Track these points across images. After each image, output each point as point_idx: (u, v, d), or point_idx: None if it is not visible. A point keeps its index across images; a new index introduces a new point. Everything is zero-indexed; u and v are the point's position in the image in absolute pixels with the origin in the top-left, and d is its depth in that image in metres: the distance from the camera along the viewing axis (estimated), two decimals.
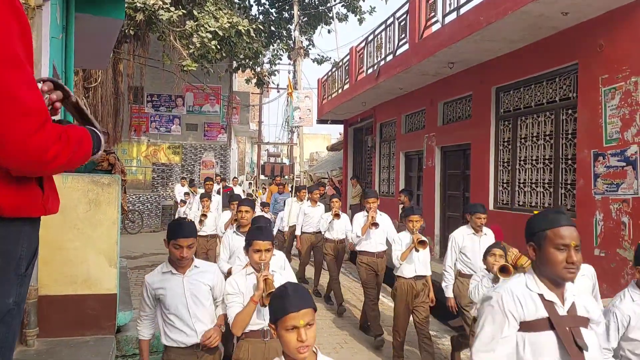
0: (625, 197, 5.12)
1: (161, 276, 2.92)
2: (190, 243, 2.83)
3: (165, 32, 11.32)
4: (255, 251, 2.86)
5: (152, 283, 2.90)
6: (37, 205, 1.47)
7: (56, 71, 4.82)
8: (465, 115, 8.78)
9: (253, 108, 25.78)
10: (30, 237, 1.49)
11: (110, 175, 3.84)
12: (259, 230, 2.97)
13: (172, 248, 2.84)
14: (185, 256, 2.82)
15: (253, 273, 2.90)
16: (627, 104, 5.13)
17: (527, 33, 6.28)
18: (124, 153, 17.49)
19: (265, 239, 2.89)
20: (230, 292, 2.90)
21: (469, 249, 4.92)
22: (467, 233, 5.01)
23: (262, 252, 2.85)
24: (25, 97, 1.30)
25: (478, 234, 4.95)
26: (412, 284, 4.94)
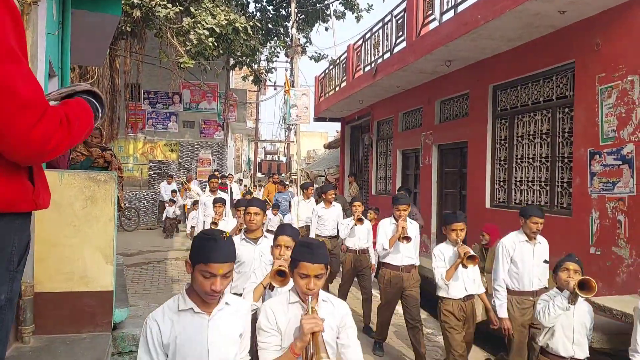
0: (621, 195, 5.14)
1: (175, 316, 2.04)
2: (227, 271, 1.97)
3: (162, 29, 11.26)
4: (303, 276, 2.19)
5: (163, 329, 1.99)
6: (28, 200, 1.46)
7: (52, 67, 4.80)
8: (462, 114, 8.79)
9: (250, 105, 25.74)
10: (21, 232, 1.48)
11: (107, 172, 3.83)
12: (309, 249, 2.21)
13: (200, 276, 1.96)
14: (218, 290, 1.95)
15: (298, 302, 2.26)
16: (623, 103, 5.15)
17: (524, 31, 6.29)
18: (121, 150, 17.44)
19: (317, 261, 2.18)
20: (265, 328, 2.23)
21: (520, 259, 4.23)
22: (519, 240, 4.29)
23: (311, 279, 2.18)
24: (24, 90, 1.31)
25: (532, 241, 4.26)
26: (462, 306, 4.23)
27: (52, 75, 5.05)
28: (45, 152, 1.38)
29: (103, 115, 1.65)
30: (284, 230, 3.26)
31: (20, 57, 1.35)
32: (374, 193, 13.02)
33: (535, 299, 4.06)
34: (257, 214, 3.86)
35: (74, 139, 1.46)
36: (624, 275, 5.06)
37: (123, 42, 13.34)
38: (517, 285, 4.24)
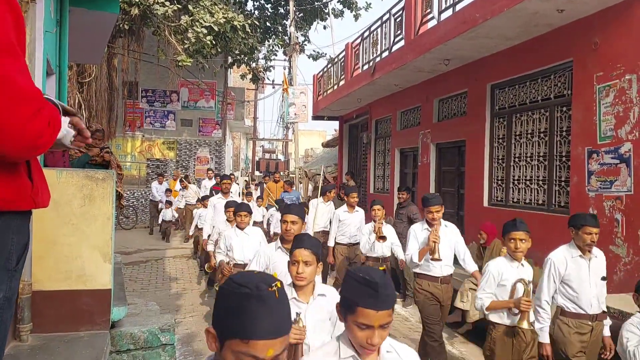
0: (618, 194, 5.15)
1: None
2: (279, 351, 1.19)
3: (160, 27, 11.23)
4: (363, 327, 1.67)
5: None
6: (27, 199, 1.46)
7: (50, 65, 4.79)
8: (460, 112, 8.79)
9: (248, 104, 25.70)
10: (20, 231, 1.48)
11: (105, 170, 3.82)
12: (372, 289, 1.64)
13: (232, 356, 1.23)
14: None
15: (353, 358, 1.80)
16: (621, 102, 5.16)
17: (523, 30, 6.29)
18: (118, 148, 17.41)
19: (383, 307, 1.65)
20: None
21: (575, 277, 3.60)
22: (572, 255, 3.67)
23: (375, 331, 1.66)
24: (23, 83, 1.32)
25: (586, 255, 3.66)
26: (522, 334, 3.53)
27: (49, 73, 5.04)
28: (36, 147, 1.39)
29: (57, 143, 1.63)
30: (301, 243, 2.60)
31: (19, 53, 1.36)
32: (372, 192, 13.03)
33: (594, 324, 3.63)
34: (295, 222, 3.49)
35: (53, 140, 1.47)
36: (621, 273, 5.07)
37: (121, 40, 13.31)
38: (575, 307, 3.64)
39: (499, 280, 3.59)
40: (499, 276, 3.59)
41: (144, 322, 4.02)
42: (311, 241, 2.64)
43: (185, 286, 8.43)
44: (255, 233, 5.49)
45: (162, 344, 3.93)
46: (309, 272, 2.48)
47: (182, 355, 5.36)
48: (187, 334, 6.06)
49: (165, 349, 3.96)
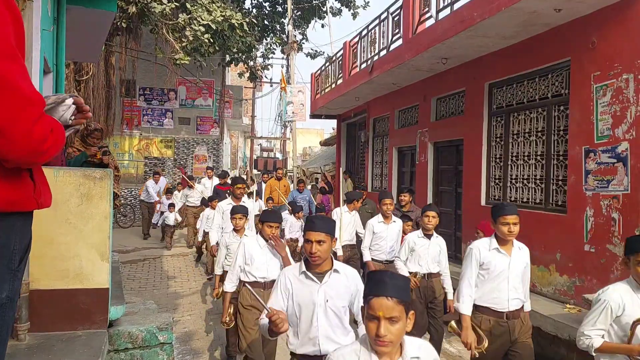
0: (615, 193, 5.17)
1: None
2: None
3: (158, 25, 11.22)
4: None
5: None
6: (30, 200, 1.47)
7: (47, 63, 4.79)
8: (458, 111, 8.80)
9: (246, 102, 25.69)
10: (22, 232, 1.49)
11: (102, 169, 3.81)
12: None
13: None
14: None
15: None
16: (618, 101, 5.17)
17: (520, 29, 6.30)
18: (116, 147, 17.39)
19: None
20: None
21: None
22: None
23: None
24: (25, 89, 1.32)
25: None
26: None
27: (47, 71, 5.03)
28: (40, 152, 1.38)
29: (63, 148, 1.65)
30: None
31: (20, 57, 1.36)
32: (370, 190, 13.03)
33: None
34: (322, 242, 2.63)
35: (58, 148, 1.47)
36: (617, 272, 5.09)
37: (118, 38, 13.30)
38: None
39: (619, 314, 2.72)
40: (619, 310, 2.71)
41: (142, 320, 4.02)
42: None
43: (183, 285, 8.43)
44: None
45: (160, 342, 3.93)
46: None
47: (180, 354, 5.36)
48: (186, 332, 6.06)
49: (163, 347, 3.96)
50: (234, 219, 5.10)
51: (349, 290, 2.75)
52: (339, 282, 2.73)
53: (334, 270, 2.74)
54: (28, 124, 1.31)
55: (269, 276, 4.14)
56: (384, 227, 5.98)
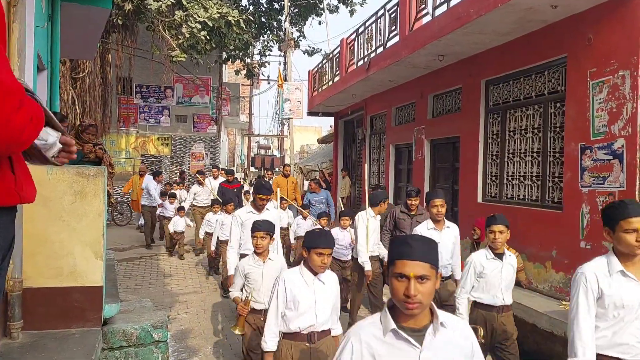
0: (611, 190, 5.17)
1: None
2: None
3: (154, 22, 11.18)
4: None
5: None
6: (11, 194, 1.44)
7: (41, 60, 4.76)
8: (455, 108, 8.80)
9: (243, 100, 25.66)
10: (5, 228, 1.46)
11: (96, 166, 3.80)
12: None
13: None
14: None
15: None
16: (614, 98, 5.17)
17: (517, 26, 6.29)
18: (113, 144, 17.34)
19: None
20: None
21: None
22: None
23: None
24: (3, 77, 1.29)
25: None
26: None
27: (41, 68, 5.01)
28: (20, 143, 1.37)
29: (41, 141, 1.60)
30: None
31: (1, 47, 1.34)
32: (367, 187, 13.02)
33: None
34: (426, 278, 1.65)
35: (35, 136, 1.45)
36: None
37: (114, 36, 13.24)
38: None
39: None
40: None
41: (137, 319, 4.02)
42: None
43: (179, 283, 8.42)
44: None
45: (155, 340, 3.93)
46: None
47: (176, 352, 5.35)
48: (181, 330, 6.05)
49: (158, 345, 3.95)
50: (255, 237, 3.94)
51: (464, 353, 1.74)
52: (448, 343, 1.70)
53: (441, 324, 1.71)
54: (6, 114, 1.29)
55: (319, 324, 3.09)
56: (436, 234, 4.74)
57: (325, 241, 3.04)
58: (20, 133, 1.34)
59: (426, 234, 4.64)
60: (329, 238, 3.07)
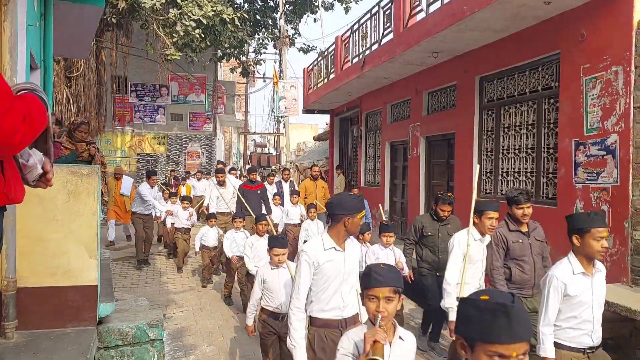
0: (605, 185, 5.20)
1: None
2: None
3: (148, 21, 11.14)
4: None
5: None
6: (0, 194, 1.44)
7: (34, 59, 4.74)
8: (449, 105, 8.81)
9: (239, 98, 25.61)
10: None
11: (90, 165, 3.79)
12: None
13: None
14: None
15: None
16: (607, 94, 5.19)
17: (510, 22, 6.30)
18: (108, 143, 17.30)
19: None
20: None
21: None
22: None
23: None
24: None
25: None
26: None
27: (34, 67, 4.99)
28: (12, 145, 1.36)
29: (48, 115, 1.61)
30: None
31: None
32: (363, 185, 13.05)
33: None
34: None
35: (34, 135, 1.45)
36: (607, 264, 5.12)
37: (109, 34, 13.19)
38: None
39: None
40: None
41: (133, 317, 4.01)
42: None
43: (175, 281, 8.41)
44: None
45: (151, 339, 3.93)
46: None
47: (172, 350, 5.35)
48: (177, 329, 6.05)
49: (153, 344, 3.95)
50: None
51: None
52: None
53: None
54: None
55: None
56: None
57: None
58: (11, 136, 1.33)
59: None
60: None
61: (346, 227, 2.93)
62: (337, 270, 2.97)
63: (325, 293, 2.96)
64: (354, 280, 3.07)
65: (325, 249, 2.95)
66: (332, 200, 3.08)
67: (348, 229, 2.95)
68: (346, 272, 3.00)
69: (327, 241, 2.98)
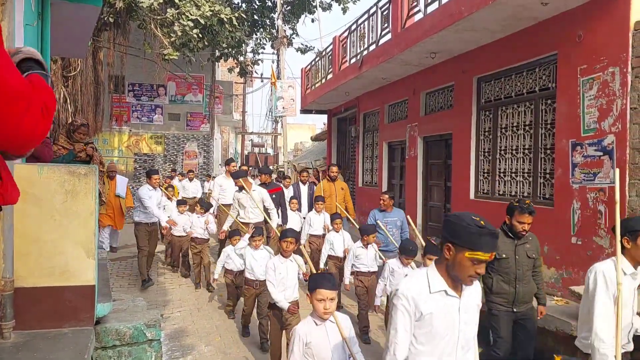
0: (602, 186, 5.21)
1: None
2: None
3: (146, 20, 11.12)
4: None
5: None
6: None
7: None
8: (447, 105, 8.83)
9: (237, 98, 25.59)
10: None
11: (87, 165, 3.79)
12: None
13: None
14: None
15: None
16: (604, 94, 5.21)
17: (508, 23, 6.32)
18: (105, 143, 17.25)
19: None
20: None
21: None
22: None
23: None
24: (11, 79, 1.30)
25: None
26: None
27: None
28: (33, 142, 1.39)
29: None
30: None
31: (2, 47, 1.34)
32: (360, 185, 13.06)
33: None
34: None
35: (49, 126, 1.47)
36: None
37: (106, 34, 13.15)
38: None
39: None
40: None
41: (130, 318, 4.01)
42: None
43: (173, 281, 8.41)
44: None
45: (148, 339, 3.92)
46: None
47: (170, 350, 5.35)
48: (175, 329, 6.05)
49: (151, 344, 3.95)
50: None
51: None
52: None
53: None
54: (17, 117, 1.30)
55: None
56: None
57: None
58: (33, 131, 1.36)
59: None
60: None
61: (458, 264, 2.07)
62: (449, 323, 2.14)
63: (429, 357, 2.15)
64: (472, 341, 2.25)
65: (432, 292, 2.12)
66: (450, 218, 2.16)
67: (456, 268, 2.08)
68: (462, 327, 2.16)
69: (434, 280, 2.14)
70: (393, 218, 6.55)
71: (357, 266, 5.75)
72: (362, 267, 5.73)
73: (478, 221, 2.06)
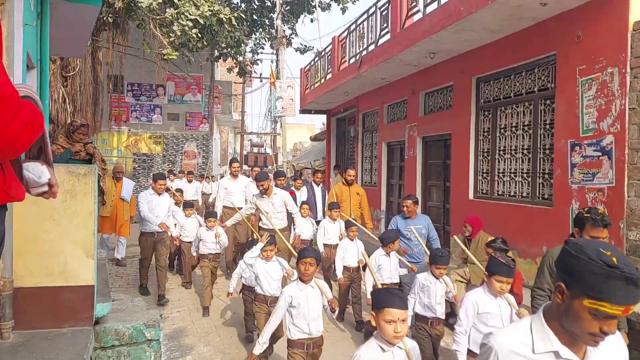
0: (600, 186, 5.22)
1: None
2: None
3: (145, 20, 11.12)
4: None
5: None
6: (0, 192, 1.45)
7: (30, 59, 4.73)
8: (446, 106, 8.83)
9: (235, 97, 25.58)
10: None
11: (87, 165, 3.78)
12: None
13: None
14: None
15: None
16: (603, 95, 5.21)
17: (507, 23, 6.32)
18: (104, 143, 17.24)
19: None
20: None
21: None
22: None
23: None
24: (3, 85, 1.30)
25: None
26: None
27: (30, 67, 4.97)
28: (15, 150, 1.38)
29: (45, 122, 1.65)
30: None
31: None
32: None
33: None
34: None
35: (32, 141, 1.46)
36: None
37: (105, 33, 13.14)
38: None
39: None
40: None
41: (129, 318, 4.01)
42: None
43: (172, 281, 8.39)
44: None
45: (147, 339, 3.92)
46: None
47: (169, 350, 5.34)
48: (174, 329, 6.05)
49: (150, 344, 3.95)
50: None
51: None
52: None
53: None
54: (4, 122, 1.30)
55: None
56: None
57: None
58: (16, 140, 1.35)
59: None
60: None
61: (573, 314, 1.40)
62: None
63: None
64: None
65: (536, 352, 1.47)
66: (569, 247, 1.44)
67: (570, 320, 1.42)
68: None
69: (540, 335, 1.49)
70: (418, 225, 5.83)
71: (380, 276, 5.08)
72: (385, 279, 5.10)
73: (609, 257, 1.33)
